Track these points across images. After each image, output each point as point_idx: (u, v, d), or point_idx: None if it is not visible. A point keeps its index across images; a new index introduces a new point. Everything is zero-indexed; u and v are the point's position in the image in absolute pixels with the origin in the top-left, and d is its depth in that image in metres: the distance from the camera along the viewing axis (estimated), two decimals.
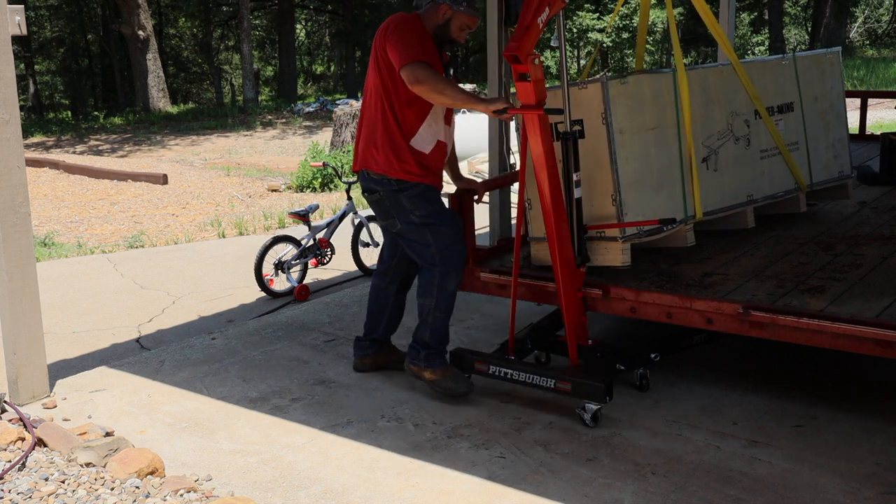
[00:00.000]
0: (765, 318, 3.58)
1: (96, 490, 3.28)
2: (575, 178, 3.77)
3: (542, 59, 25.05)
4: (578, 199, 3.82)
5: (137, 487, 3.29)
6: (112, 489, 3.29)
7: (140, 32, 23.76)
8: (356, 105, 13.29)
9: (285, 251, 6.30)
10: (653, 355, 4.06)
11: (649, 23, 25.97)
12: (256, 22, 32.83)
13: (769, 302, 3.73)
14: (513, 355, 4.10)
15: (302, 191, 11.55)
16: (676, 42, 4.37)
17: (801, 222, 4.90)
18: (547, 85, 3.66)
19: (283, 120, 21.71)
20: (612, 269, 4.06)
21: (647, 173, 4.06)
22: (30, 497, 3.23)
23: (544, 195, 3.71)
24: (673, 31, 4.46)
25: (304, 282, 6.34)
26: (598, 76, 4.17)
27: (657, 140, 4.11)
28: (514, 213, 5.70)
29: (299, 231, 6.81)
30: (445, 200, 4.15)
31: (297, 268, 6.34)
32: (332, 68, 37.69)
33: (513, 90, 4.02)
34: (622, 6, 25.31)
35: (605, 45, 26.43)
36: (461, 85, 6.23)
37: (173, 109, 25.25)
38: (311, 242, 6.37)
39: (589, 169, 3.97)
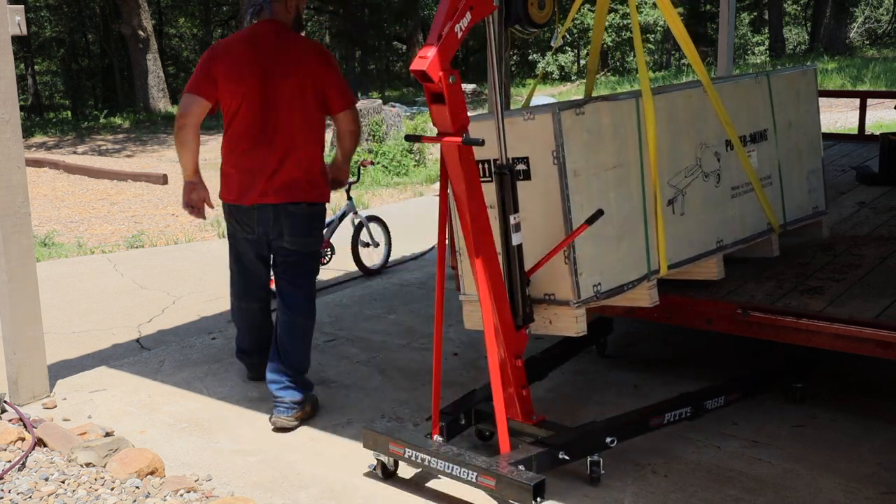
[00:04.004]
0: (764, 318, 3.56)
1: (96, 490, 3.28)
2: (512, 220, 3.18)
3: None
4: (518, 245, 3.22)
5: (137, 487, 3.29)
6: (112, 489, 3.29)
7: (140, 32, 23.75)
8: (357, 105, 13.26)
9: None
10: (609, 440, 3.35)
11: (651, 22, 25.97)
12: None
13: (768, 302, 3.72)
14: (437, 434, 3.40)
15: None
16: (642, 59, 3.79)
17: None
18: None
19: None
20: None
21: (606, 222, 3.36)
22: (30, 497, 3.23)
23: (469, 243, 3.15)
24: (638, 46, 3.83)
25: None
26: (549, 104, 3.46)
27: (617, 181, 3.48)
28: None
29: None
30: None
31: None
32: None
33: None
34: (620, 4, 25.27)
35: (605, 44, 26.42)
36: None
37: (173, 109, 25.23)
38: None
39: (536, 218, 3.36)
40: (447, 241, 3.48)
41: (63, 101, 32.55)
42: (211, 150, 18.14)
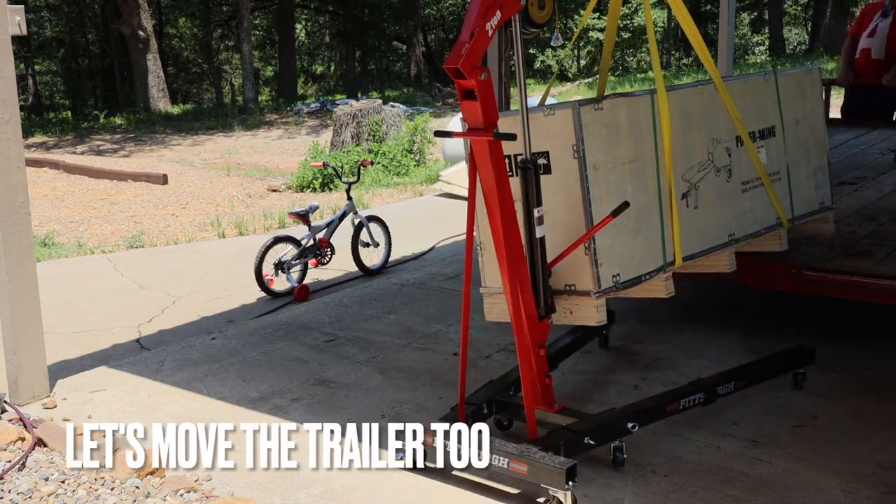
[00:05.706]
0: (818, 276, 3.99)
1: (96, 490, 3.28)
2: (536, 213, 3.28)
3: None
4: (541, 238, 3.33)
5: (137, 487, 3.29)
6: (112, 489, 3.29)
7: (140, 32, 23.77)
8: (356, 105, 13.28)
9: (285, 251, 6.30)
10: (630, 425, 3.46)
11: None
12: (256, 22, 32.82)
13: (821, 263, 4.10)
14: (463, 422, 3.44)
15: (302, 191, 11.55)
16: (656, 57, 3.85)
17: (842, 197, 5.25)
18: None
19: (284, 120, 21.72)
20: None
21: (624, 215, 3.45)
22: (30, 497, 3.23)
23: (498, 237, 3.22)
24: (653, 46, 3.90)
25: (304, 282, 6.34)
26: (568, 101, 3.58)
27: (634, 175, 3.57)
28: None
29: (299, 231, 6.81)
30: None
31: (298, 268, 6.34)
32: (333, 68, 37.71)
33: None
34: (621, 6, 25.30)
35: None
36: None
37: (173, 109, 25.27)
38: (311, 242, 6.38)
39: (557, 211, 3.44)
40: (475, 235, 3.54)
41: (63, 101, 32.59)
42: (210, 150, 18.14)
